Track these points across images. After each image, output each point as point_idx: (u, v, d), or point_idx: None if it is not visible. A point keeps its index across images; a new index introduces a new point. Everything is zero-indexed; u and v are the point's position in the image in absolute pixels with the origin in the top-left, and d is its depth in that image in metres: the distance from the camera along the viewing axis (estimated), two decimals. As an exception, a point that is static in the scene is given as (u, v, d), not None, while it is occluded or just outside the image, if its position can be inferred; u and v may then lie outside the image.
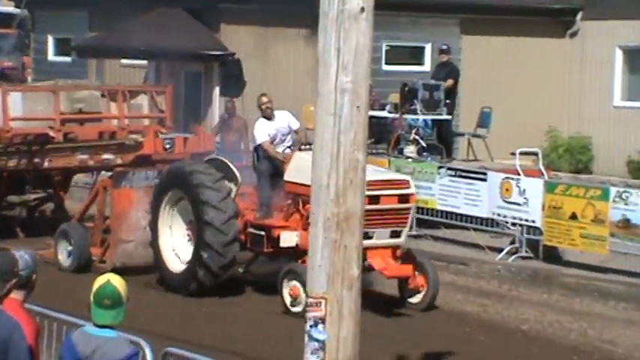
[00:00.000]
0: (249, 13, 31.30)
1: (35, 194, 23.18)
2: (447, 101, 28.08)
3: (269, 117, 17.89)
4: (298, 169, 16.81)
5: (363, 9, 7.97)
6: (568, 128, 31.67)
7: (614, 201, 20.80)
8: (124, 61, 33.90)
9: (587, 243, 21.17)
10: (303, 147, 17.32)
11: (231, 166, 18.01)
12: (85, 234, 19.49)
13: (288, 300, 16.35)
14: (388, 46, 32.08)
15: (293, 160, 17.22)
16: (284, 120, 18.04)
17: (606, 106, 32.65)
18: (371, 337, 14.26)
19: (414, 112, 25.51)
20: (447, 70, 29.36)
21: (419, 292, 16.86)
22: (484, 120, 29.84)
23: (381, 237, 16.47)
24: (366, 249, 15.06)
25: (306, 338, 7.99)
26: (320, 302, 7.93)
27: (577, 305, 18.94)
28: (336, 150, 7.95)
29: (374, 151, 24.70)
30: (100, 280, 8.08)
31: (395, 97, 26.14)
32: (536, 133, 30.40)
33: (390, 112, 26.42)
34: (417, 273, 17.47)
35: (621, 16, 32.80)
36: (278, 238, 17.08)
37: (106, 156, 21.38)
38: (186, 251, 17.62)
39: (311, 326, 7.97)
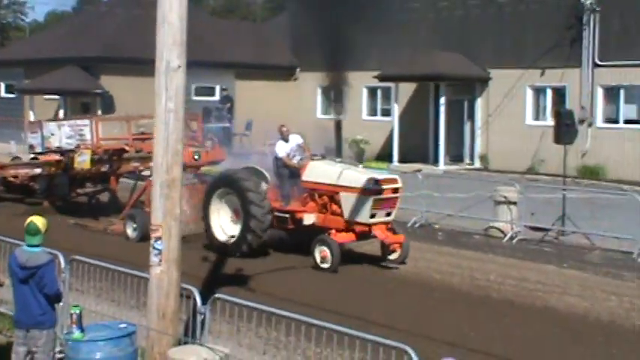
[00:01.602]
0: (118, 69, 30.79)
1: (93, 188, 19.97)
2: (229, 116, 28.31)
3: (286, 139, 15.23)
4: (312, 173, 14.67)
5: (179, 66, 7.78)
6: (295, 129, 31.91)
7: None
8: (46, 96, 32.65)
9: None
10: (314, 158, 15.01)
11: (263, 171, 15.40)
12: (145, 216, 17.09)
13: (318, 259, 13.79)
14: (195, 85, 31.79)
15: (308, 167, 14.76)
16: (295, 140, 15.37)
17: (312, 117, 33.18)
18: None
19: (210, 122, 25.29)
20: (227, 99, 29.95)
21: (395, 251, 14.32)
22: (248, 126, 29.90)
23: (381, 216, 14.06)
24: (371, 225, 13.94)
25: (151, 248, 7.79)
26: (158, 228, 7.74)
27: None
28: (166, 144, 7.76)
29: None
30: (28, 220, 7.65)
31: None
32: (276, 132, 30.41)
33: (197, 123, 26.16)
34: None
35: (318, 70, 33.38)
36: (300, 219, 14.69)
37: (153, 163, 18.54)
38: (230, 228, 14.95)
39: (154, 241, 7.77)
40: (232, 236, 14.89)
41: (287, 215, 14.90)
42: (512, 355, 9.39)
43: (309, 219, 14.62)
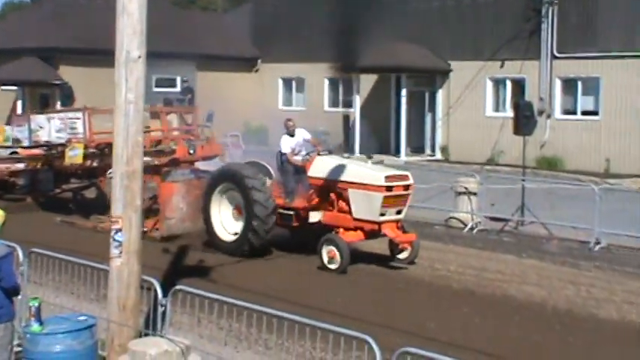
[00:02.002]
0: (77, 59, 30.46)
1: (78, 183, 19.11)
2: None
3: (292, 134, 14.28)
4: (319, 168, 13.84)
5: (140, 56, 7.70)
6: (257, 120, 31.86)
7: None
8: (3, 87, 32.14)
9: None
10: (321, 153, 14.21)
11: (267, 165, 14.65)
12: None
13: (325, 259, 13.06)
14: (156, 76, 31.51)
15: (315, 163, 13.93)
16: (301, 135, 14.40)
17: (273, 108, 33.18)
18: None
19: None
20: (187, 90, 29.83)
21: (405, 250, 13.65)
22: (209, 118, 29.74)
23: (391, 214, 13.26)
24: (380, 223, 13.22)
25: (111, 240, 7.72)
26: (119, 220, 7.67)
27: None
28: (126, 134, 7.68)
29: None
30: None
31: (160, 107, 25.58)
32: (240, 125, 30.31)
33: (157, 113, 25.87)
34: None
35: (280, 61, 33.49)
36: (306, 216, 13.91)
37: (146, 158, 17.50)
38: (231, 225, 14.32)
39: (114, 233, 7.70)
40: (234, 233, 14.28)
41: (292, 212, 14.12)
42: (472, 344, 9.47)
43: (314, 216, 13.94)
